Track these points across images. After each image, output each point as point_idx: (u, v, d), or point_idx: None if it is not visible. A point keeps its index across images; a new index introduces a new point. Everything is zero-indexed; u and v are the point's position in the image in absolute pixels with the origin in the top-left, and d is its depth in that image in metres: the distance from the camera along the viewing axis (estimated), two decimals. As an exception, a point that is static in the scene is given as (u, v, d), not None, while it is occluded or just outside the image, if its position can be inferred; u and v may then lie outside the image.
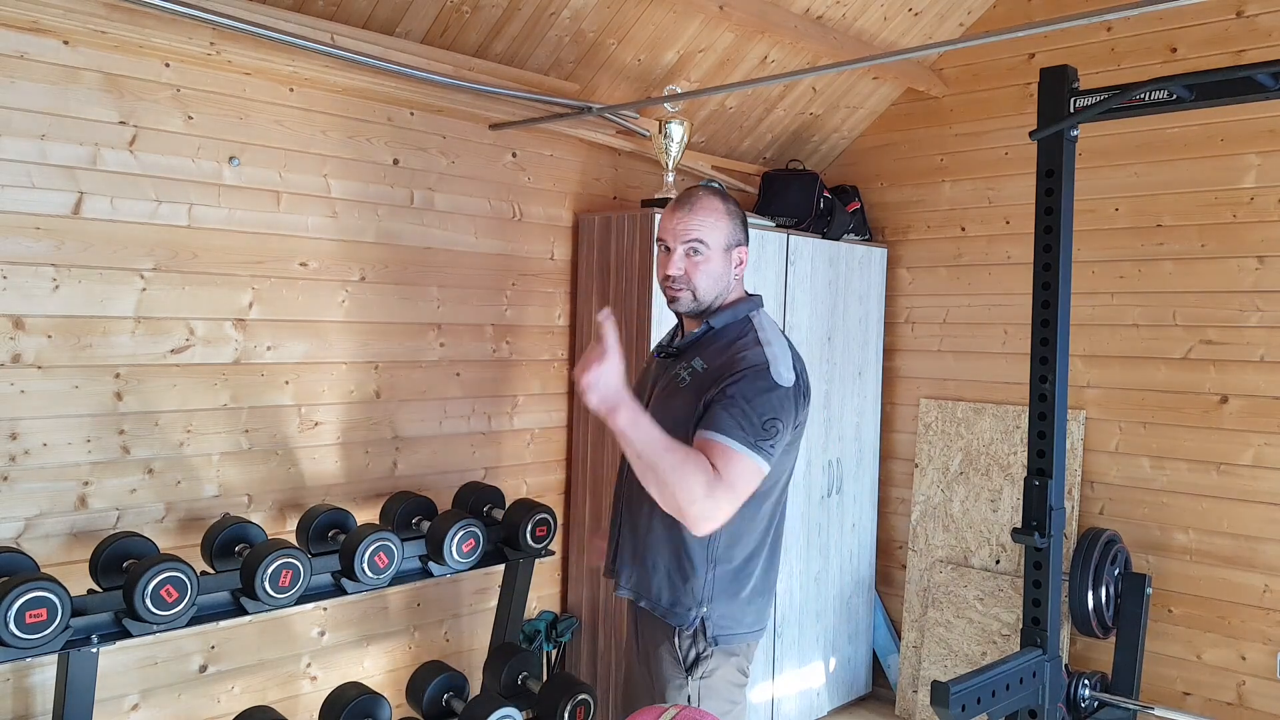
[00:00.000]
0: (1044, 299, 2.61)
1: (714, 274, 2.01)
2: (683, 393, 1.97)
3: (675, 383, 2.01)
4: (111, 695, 2.46)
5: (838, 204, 3.91)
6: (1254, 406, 3.22)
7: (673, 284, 2.02)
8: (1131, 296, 3.48)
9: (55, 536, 2.35)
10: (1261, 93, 2.19)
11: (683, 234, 2.00)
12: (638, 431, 1.76)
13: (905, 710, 3.98)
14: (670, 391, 2.01)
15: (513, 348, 3.32)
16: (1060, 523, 2.61)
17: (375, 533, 2.47)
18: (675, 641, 1.99)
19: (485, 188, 3.20)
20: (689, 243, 1.99)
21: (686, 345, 2.06)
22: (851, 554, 4.04)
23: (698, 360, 2.00)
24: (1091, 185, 3.51)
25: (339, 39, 2.59)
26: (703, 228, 1.99)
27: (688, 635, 1.99)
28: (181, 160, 2.51)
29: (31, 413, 2.30)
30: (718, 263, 2.01)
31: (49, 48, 2.28)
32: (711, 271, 2.00)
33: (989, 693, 2.38)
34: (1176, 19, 3.36)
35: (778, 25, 3.24)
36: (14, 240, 2.25)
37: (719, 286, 2.02)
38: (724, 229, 2.01)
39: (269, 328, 2.71)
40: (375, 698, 2.55)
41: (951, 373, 3.98)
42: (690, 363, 2.01)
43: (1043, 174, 2.58)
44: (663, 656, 2.01)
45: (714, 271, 2.01)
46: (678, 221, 2.01)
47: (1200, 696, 3.33)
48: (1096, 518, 3.55)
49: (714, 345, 2.01)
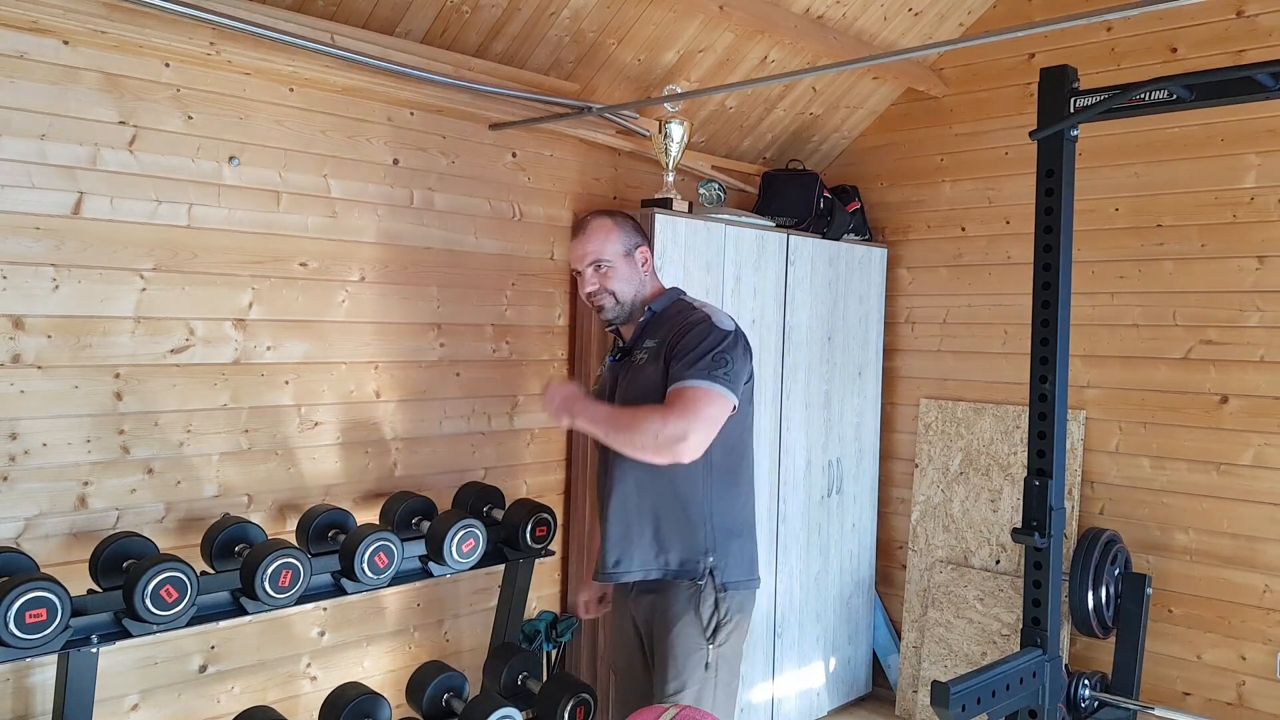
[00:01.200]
0: (1044, 299, 2.61)
1: (624, 277, 2.32)
2: (645, 368, 2.23)
3: (635, 365, 2.27)
4: (111, 695, 2.45)
5: (838, 204, 3.91)
6: (1254, 406, 3.22)
7: (595, 298, 2.33)
8: (1131, 296, 3.48)
9: (55, 536, 2.35)
10: (1261, 93, 2.19)
11: (584, 258, 2.32)
12: (596, 411, 2.17)
13: (905, 710, 3.98)
14: (633, 374, 2.27)
15: (513, 348, 3.32)
16: (1060, 523, 2.61)
17: (375, 533, 2.47)
18: (699, 610, 2.18)
19: (485, 188, 3.20)
20: (592, 263, 2.31)
21: (635, 339, 2.33)
22: (851, 554, 4.04)
23: (650, 341, 2.28)
24: (1091, 185, 3.50)
25: (339, 39, 2.59)
26: (598, 247, 2.31)
27: (709, 600, 2.18)
28: (181, 160, 2.51)
29: (31, 413, 2.30)
30: (623, 268, 2.32)
31: (49, 48, 2.28)
32: (621, 276, 2.31)
33: (989, 693, 2.38)
34: (1176, 19, 3.36)
35: (778, 25, 3.24)
36: (14, 240, 2.25)
37: (633, 286, 2.33)
38: (616, 239, 2.32)
39: (269, 328, 2.71)
40: (375, 698, 2.55)
41: (951, 373, 3.98)
42: (642, 346, 2.28)
43: (1043, 174, 2.58)
44: (685, 629, 2.19)
45: (623, 275, 2.32)
46: (576, 248, 2.35)
47: (1200, 696, 3.33)
48: (1096, 518, 3.55)
49: (660, 325, 2.29)
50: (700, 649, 2.19)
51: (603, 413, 2.17)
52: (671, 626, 2.19)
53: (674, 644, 2.19)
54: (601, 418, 2.15)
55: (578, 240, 2.35)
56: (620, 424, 2.12)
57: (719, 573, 2.20)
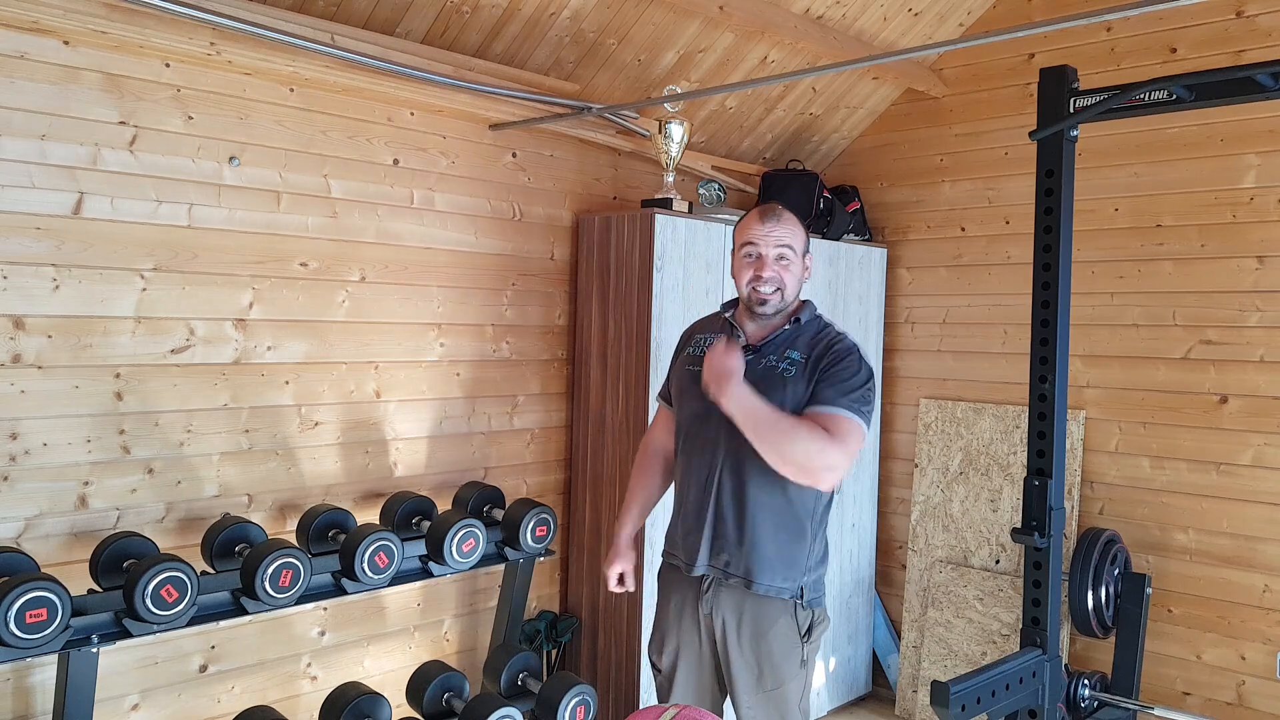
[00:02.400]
0: (1044, 299, 2.61)
1: (797, 276, 2.29)
2: (791, 382, 2.19)
3: (777, 374, 2.21)
4: (111, 695, 2.46)
5: (838, 204, 3.91)
6: (1254, 406, 3.22)
7: (764, 285, 2.25)
8: (1131, 296, 3.48)
9: (55, 536, 2.35)
10: (1261, 93, 2.19)
11: (775, 241, 2.25)
12: (753, 402, 2.06)
13: (905, 710, 3.98)
14: (773, 381, 2.20)
15: (513, 348, 3.32)
16: (1060, 523, 2.61)
17: (375, 533, 2.47)
18: (795, 615, 2.22)
19: (485, 188, 3.20)
20: (780, 248, 2.25)
21: (772, 342, 2.28)
22: (851, 554, 4.04)
23: (793, 353, 2.24)
24: (1091, 185, 3.51)
25: (339, 39, 2.59)
26: (790, 236, 2.26)
27: (804, 607, 2.22)
28: (182, 160, 2.51)
29: (32, 413, 2.30)
30: (798, 267, 2.29)
31: (49, 48, 2.28)
32: (795, 274, 2.28)
33: (989, 693, 2.38)
34: (1176, 19, 3.36)
35: (778, 26, 3.24)
36: (14, 240, 2.25)
37: (796, 289, 2.30)
38: (802, 238, 2.30)
39: (269, 328, 2.71)
40: (375, 698, 2.55)
41: (951, 373, 3.98)
42: (785, 355, 2.24)
43: (1043, 174, 2.58)
44: (780, 631, 2.22)
45: (796, 274, 2.28)
46: (764, 228, 2.26)
47: (1200, 696, 3.33)
48: (1096, 518, 3.55)
49: (802, 338, 2.27)
50: (795, 649, 2.23)
51: (761, 408, 2.06)
52: (766, 630, 2.22)
53: (773, 643, 2.22)
54: (758, 412, 2.05)
55: (768, 223, 2.25)
56: (779, 429, 2.06)
57: (807, 591, 2.24)
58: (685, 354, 2.41)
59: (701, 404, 2.21)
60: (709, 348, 2.20)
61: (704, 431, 2.26)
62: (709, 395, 2.09)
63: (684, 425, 2.35)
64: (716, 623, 2.26)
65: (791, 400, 2.16)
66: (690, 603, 2.31)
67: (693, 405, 2.29)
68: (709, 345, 2.28)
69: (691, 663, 2.33)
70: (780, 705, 2.24)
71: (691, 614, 2.31)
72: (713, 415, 2.19)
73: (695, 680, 2.34)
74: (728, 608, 2.25)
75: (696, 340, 2.41)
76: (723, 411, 2.11)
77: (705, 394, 2.14)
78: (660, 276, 3.19)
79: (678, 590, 2.35)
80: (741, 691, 2.25)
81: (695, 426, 2.29)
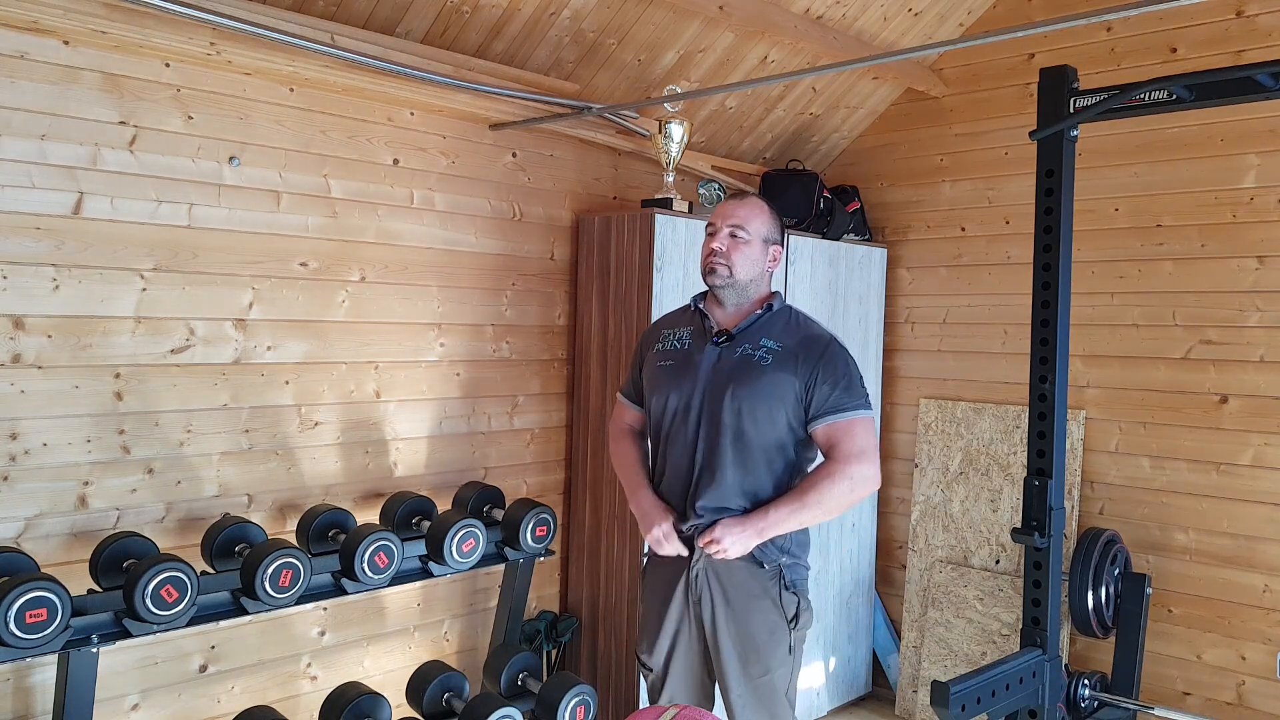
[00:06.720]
0: (1044, 299, 2.61)
1: (750, 258, 2.30)
2: (770, 370, 2.23)
3: (753, 362, 2.25)
4: (111, 695, 2.46)
5: (838, 204, 3.91)
6: (1254, 406, 3.22)
7: (714, 259, 2.30)
8: (1131, 296, 3.48)
9: (55, 536, 2.35)
10: (1261, 93, 2.18)
11: (729, 217, 2.32)
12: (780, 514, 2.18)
13: (905, 710, 3.98)
14: (750, 369, 2.25)
15: (513, 348, 3.32)
16: (1060, 523, 2.61)
17: (375, 533, 2.47)
18: (779, 597, 2.25)
19: (485, 188, 3.20)
20: (732, 225, 2.31)
21: (746, 329, 2.31)
22: (851, 554, 4.04)
23: (768, 340, 2.28)
24: (1091, 185, 3.51)
25: (339, 39, 2.59)
26: (747, 217, 2.32)
27: (789, 589, 2.26)
28: (181, 160, 2.51)
29: (31, 413, 2.30)
30: (755, 250, 2.31)
31: (49, 48, 2.28)
32: (749, 255, 2.30)
33: (989, 693, 2.38)
34: (1176, 19, 3.36)
35: (778, 26, 3.24)
36: (14, 240, 2.25)
37: (753, 271, 2.32)
38: (764, 223, 2.33)
39: (269, 328, 2.71)
40: (375, 698, 2.55)
41: (951, 373, 3.98)
42: (760, 343, 2.27)
43: (1043, 174, 2.58)
44: (764, 608, 2.25)
45: (751, 256, 2.30)
46: (725, 209, 2.35)
47: (1200, 696, 3.33)
48: (1096, 518, 3.55)
49: (775, 326, 2.31)
50: (780, 630, 2.25)
51: (788, 512, 2.18)
52: (753, 605, 2.25)
53: (757, 621, 2.24)
54: (791, 517, 2.18)
55: (731, 204, 2.36)
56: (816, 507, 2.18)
57: (789, 571, 2.27)
58: (654, 350, 2.43)
59: (681, 398, 2.29)
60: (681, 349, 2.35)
61: (685, 423, 2.30)
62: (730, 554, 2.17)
63: (663, 420, 2.36)
64: (705, 610, 2.28)
65: (771, 387, 2.21)
66: (679, 596, 2.33)
67: (672, 400, 2.32)
68: (679, 340, 2.39)
69: (682, 655, 2.35)
70: (767, 694, 2.25)
71: (679, 606, 2.33)
72: (693, 407, 2.27)
73: (686, 671, 2.36)
74: (714, 587, 2.27)
75: (665, 335, 2.44)
76: (704, 403, 2.25)
77: (684, 388, 2.28)
78: (660, 276, 3.19)
79: (664, 585, 2.37)
80: (730, 678, 2.27)
81: (675, 421, 2.32)
